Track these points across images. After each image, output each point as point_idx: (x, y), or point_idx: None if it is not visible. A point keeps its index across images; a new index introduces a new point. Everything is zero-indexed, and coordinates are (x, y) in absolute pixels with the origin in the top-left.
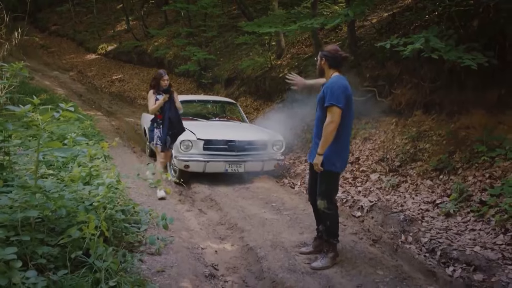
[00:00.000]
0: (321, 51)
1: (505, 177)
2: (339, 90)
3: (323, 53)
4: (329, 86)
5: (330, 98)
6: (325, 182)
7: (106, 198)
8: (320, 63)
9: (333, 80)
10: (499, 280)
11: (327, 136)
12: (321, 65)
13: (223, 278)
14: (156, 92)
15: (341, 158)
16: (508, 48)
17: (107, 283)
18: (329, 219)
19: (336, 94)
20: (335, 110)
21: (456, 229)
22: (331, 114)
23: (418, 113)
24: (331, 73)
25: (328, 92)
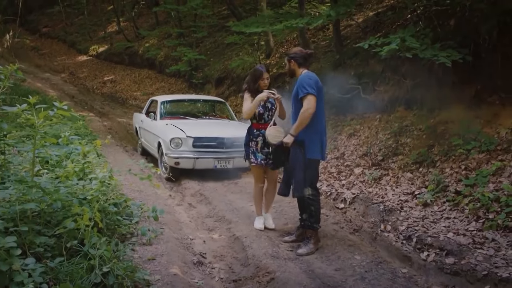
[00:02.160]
0: (288, 55)
1: (479, 168)
2: (310, 80)
3: (290, 56)
4: (300, 80)
5: (302, 89)
6: (308, 170)
7: (99, 192)
8: (290, 66)
9: (303, 75)
10: (468, 263)
11: (302, 121)
12: (291, 67)
13: (210, 265)
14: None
15: (320, 147)
16: (482, 45)
17: (101, 269)
18: (313, 205)
19: (308, 83)
20: (310, 97)
21: (432, 218)
22: (307, 101)
23: (400, 109)
24: (300, 71)
25: (300, 85)
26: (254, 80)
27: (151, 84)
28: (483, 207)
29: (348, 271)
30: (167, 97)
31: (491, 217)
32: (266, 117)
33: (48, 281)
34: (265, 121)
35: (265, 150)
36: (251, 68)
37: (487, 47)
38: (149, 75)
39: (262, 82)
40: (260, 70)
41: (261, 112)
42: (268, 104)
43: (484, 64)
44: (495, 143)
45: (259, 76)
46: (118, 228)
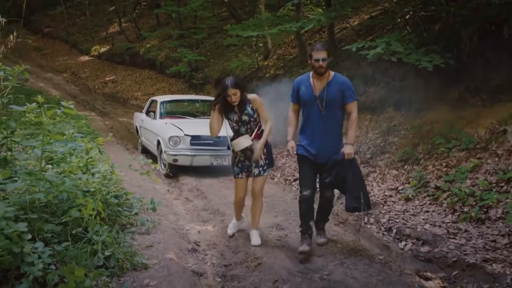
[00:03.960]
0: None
1: (459, 166)
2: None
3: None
4: (348, 83)
5: (352, 93)
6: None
7: (102, 185)
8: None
9: (343, 77)
10: (441, 251)
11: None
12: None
13: (204, 252)
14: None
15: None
16: (464, 50)
17: (103, 253)
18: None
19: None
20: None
21: (413, 211)
22: (356, 108)
23: (390, 109)
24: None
25: (349, 88)
26: (219, 94)
27: (152, 84)
28: (460, 201)
29: (329, 257)
30: (166, 97)
31: (466, 210)
32: (243, 131)
33: (56, 262)
34: (242, 135)
35: (245, 163)
36: (249, 69)
37: (468, 51)
38: (150, 76)
39: (228, 98)
40: (225, 85)
41: (235, 128)
42: (244, 117)
43: (466, 68)
44: (474, 142)
45: (223, 91)
46: (119, 218)
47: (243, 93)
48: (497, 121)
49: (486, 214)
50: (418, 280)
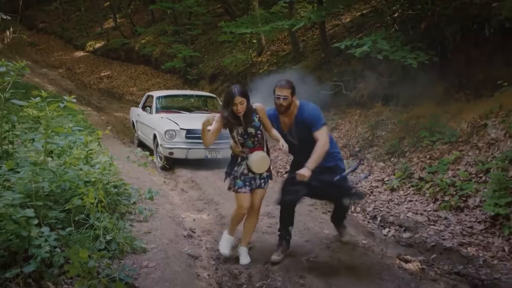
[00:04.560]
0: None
1: (441, 158)
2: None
3: (293, 89)
4: (313, 110)
5: (319, 120)
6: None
7: (102, 175)
8: (292, 99)
9: (309, 105)
10: (421, 236)
11: (322, 155)
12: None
13: (198, 238)
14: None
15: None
16: (447, 47)
17: (104, 237)
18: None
19: (321, 114)
20: (325, 129)
21: (397, 201)
22: (325, 134)
23: (378, 104)
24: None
25: (315, 116)
26: (225, 104)
27: (147, 80)
28: (441, 191)
29: (316, 242)
30: (162, 93)
31: (447, 199)
32: (250, 144)
33: (61, 246)
34: (252, 147)
35: (249, 175)
36: (243, 65)
37: (452, 49)
38: (145, 71)
39: (234, 107)
40: (232, 92)
41: (241, 142)
42: (251, 130)
43: (450, 65)
44: (457, 135)
45: (230, 100)
46: (118, 207)
47: (249, 102)
48: (478, 116)
49: (465, 203)
50: (398, 263)
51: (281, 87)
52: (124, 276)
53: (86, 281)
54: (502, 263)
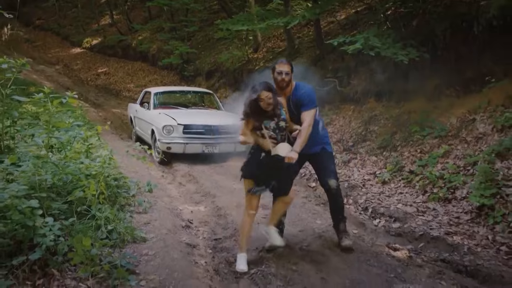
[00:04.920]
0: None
1: (431, 151)
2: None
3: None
4: (310, 91)
5: (313, 101)
6: (333, 162)
7: (103, 168)
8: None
9: (306, 85)
10: (410, 226)
11: (307, 137)
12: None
13: (196, 229)
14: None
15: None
16: (438, 45)
17: (106, 227)
18: (341, 195)
19: (314, 96)
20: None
21: (388, 193)
22: (311, 116)
23: (371, 100)
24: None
25: (310, 96)
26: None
27: (144, 76)
28: (430, 183)
29: (309, 231)
30: (159, 89)
31: (435, 191)
32: (279, 138)
33: (64, 235)
34: (278, 141)
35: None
36: (240, 62)
37: (442, 46)
38: (142, 68)
39: (261, 103)
40: (256, 88)
41: (273, 137)
42: (282, 124)
43: (440, 61)
44: (446, 130)
45: (254, 97)
46: (118, 199)
47: (275, 96)
48: (467, 111)
49: (453, 194)
50: (387, 251)
51: (282, 64)
52: (125, 263)
53: (89, 268)
54: (485, 250)
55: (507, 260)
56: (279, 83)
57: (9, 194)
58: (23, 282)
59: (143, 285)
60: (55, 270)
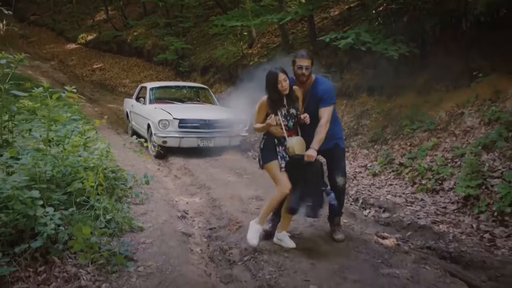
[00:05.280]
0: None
1: (421, 144)
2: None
3: (313, 61)
4: (329, 87)
5: (332, 97)
6: (343, 159)
7: (100, 161)
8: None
9: (325, 80)
10: (398, 216)
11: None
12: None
13: (191, 219)
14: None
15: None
16: (427, 40)
17: (104, 217)
18: (344, 193)
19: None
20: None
21: (378, 185)
22: (329, 112)
23: (363, 95)
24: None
25: (329, 92)
26: (269, 86)
27: (139, 72)
28: (419, 175)
29: (300, 221)
30: (155, 84)
31: (424, 182)
32: (291, 125)
33: (64, 224)
34: (290, 129)
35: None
36: (234, 57)
37: (431, 41)
38: (137, 63)
39: (279, 85)
40: (274, 72)
41: (284, 123)
42: (292, 111)
43: (430, 56)
44: (435, 124)
45: (274, 80)
46: (116, 191)
47: (290, 82)
48: (456, 105)
49: (440, 186)
50: (375, 239)
51: (302, 57)
52: (123, 250)
53: (89, 255)
54: (469, 238)
55: (490, 247)
56: (299, 77)
57: (11, 185)
58: (25, 268)
59: (141, 271)
60: (55, 258)
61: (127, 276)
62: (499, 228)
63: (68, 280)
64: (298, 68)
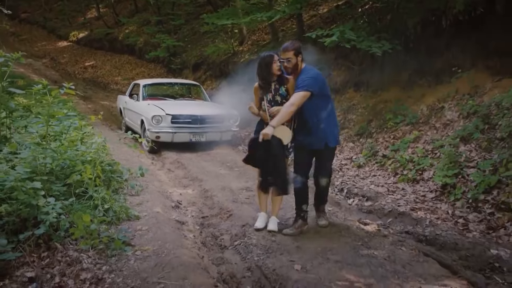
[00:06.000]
0: (295, 49)
1: (403, 137)
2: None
3: (298, 50)
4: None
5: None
6: (331, 159)
7: (98, 154)
8: (297, 60)
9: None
10: (380, 204)
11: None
12: (297, 63)
13: (185, 208)
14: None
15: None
16: (409, 37)
17: (103, 206)
18: (328, 190)
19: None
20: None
21: (363, 176)
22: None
23: (350, 90)
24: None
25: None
26: (260, 69)
27: (131, 69)
28: (401, 166)
29: (288, 209)
30: (148, 81)
31: (405, 173)
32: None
33: (65, 213)
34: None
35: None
36: (225, 54)
37: (413, 39)
38: (129, 61)
39: (274, 65)
40: (269, 54)
41: (269, 109)
42: (277, 98)
43: (413, 53)
44: (417, 117)
45: (268, 62)
46: (112, 183)
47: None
48: (437, 99)
49: (420, 176)
50: (357, 225)
51: (283, 51)
52: (121, 236)
53: (89, 241)
54: (444, 223)
55: (462, 231)
56: (285, 70)
57: (14, 177)
58: (29, 254)
59: (138, 255)
60: (58, 244)
61: (126, 259)
62: (473, 213)
63: (70, 264)
64: (280, 62)
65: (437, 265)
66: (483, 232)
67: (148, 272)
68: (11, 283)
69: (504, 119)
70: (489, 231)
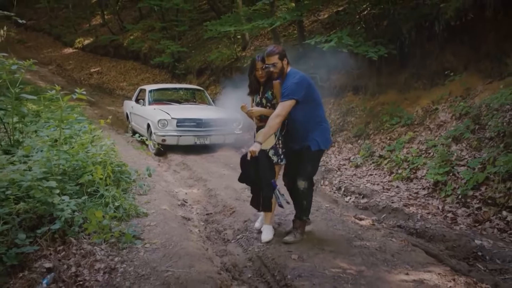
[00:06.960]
0: (279, 53)
1: (399, 138)
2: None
3: (282, 54)
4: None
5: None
6: (312, 162)
7: (108, 156)
8: (282, 65)
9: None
10: (375, 201)
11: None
12: (283, 66)
13: (190, 206)
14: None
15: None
16: (404, 42)
17: (113, 204)
18: (306, 199)
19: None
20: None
21: (360, 175)
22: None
23: (349, 94)
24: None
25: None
26: (249, 72)
27: (136, 75)
28: (396, 166)
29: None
30: (154, 86)
31: (400, 172)
32: (263, 116)
33: (78, 210)
34: (262, 118)
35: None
36: (229, 60)
37: (408, 43)
38: (134, 67)
39: (256, 72)
40: (255, 59)
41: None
42: (263, 101)
43: (408, 57)
44: (412, 119)
45: (253, 67)
46: (121, 183)
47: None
48: (431, 101)
49: (414, 174)
50: (353, 220)
51: (268, 56)
52: (132, 231)
53: (102, 235)
54: (434, 217)
55: (451, 224)
56: (272, 75)
57: (31, 177)
58: (46, 247)
59: (148, 247)
60: (72, 238)
61: (136, 251)
62: (462, 208)
63: (85, 256)
64: (266, 67)
65: (424, 254)
66: (470, 225)
67: (157, 262)
68: (30, 273)
69: (493, 119)
70: (476, 224)
